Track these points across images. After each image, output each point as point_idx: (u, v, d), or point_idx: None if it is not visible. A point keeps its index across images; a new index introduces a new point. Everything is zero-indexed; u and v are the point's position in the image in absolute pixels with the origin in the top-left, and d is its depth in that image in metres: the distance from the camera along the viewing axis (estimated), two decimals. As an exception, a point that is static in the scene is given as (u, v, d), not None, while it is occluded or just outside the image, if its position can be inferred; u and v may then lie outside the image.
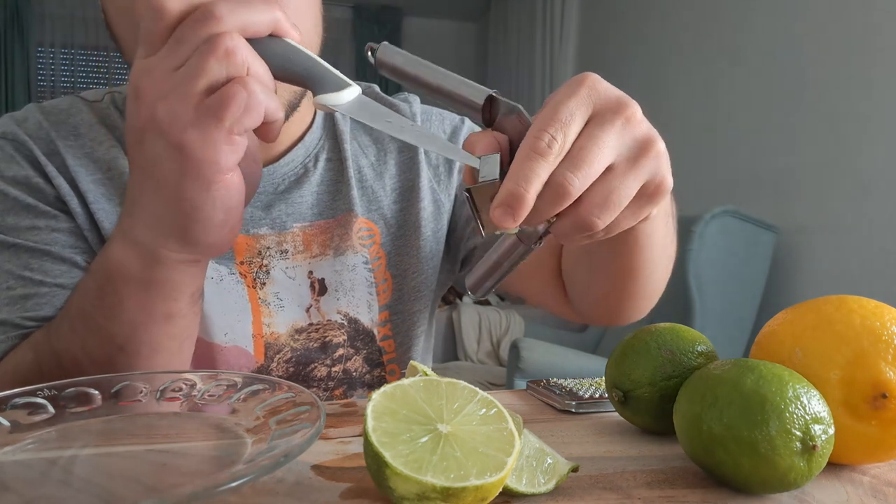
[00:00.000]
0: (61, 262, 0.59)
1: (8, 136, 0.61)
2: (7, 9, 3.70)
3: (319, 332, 0.67)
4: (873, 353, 0.34)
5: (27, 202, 0.59)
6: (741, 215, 2.00)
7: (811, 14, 2.03)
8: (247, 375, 0.42)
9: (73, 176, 0.60)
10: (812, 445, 0.30)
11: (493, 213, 0.34)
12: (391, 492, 0.28)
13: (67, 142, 0.61)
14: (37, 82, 3.89)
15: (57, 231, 0.60)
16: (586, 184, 0.35)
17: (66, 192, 0.60)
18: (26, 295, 0.57)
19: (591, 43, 3.41)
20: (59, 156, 0.60)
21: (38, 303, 0.57)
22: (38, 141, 0.61)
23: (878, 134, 1.79)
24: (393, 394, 0.31)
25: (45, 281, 0.58)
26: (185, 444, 0.35)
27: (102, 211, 0.60)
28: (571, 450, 0.39)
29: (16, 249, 0.58)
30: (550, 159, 0.34)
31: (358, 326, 0.69)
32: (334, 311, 0.68)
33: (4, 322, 0.56)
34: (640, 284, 0.57)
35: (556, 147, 0.34)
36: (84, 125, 0.63)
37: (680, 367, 0.40)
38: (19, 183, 0.59)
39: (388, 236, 0.71)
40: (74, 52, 3.94)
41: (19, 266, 0.58)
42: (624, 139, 0.36)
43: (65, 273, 0.59)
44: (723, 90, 2.42)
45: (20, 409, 0.38)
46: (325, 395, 0.68)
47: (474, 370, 2.71)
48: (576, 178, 0.34)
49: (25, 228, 0.59)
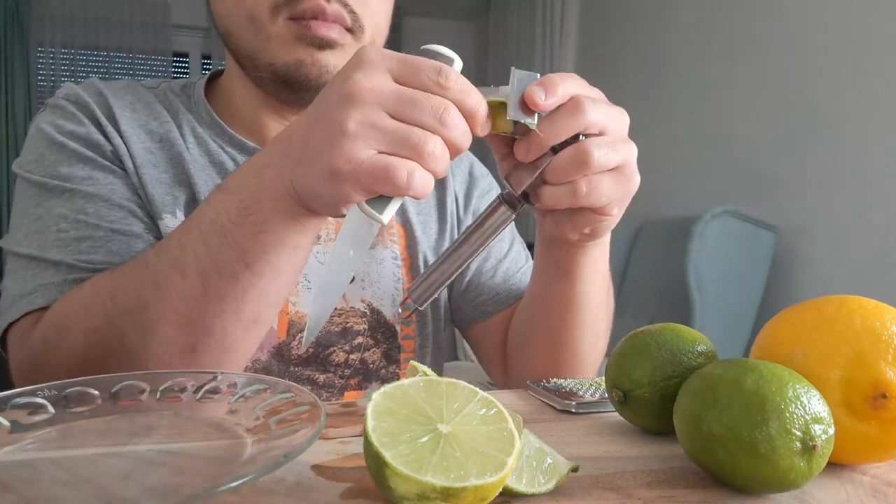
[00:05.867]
0: (118, 209, 0.61)
1: (71, 98, 0.65)
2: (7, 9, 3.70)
3: (342, 317, 0.69)
4: (873, 353, 0.34)
5: (85, 154, 0.61)
6: (741, 215, 2.00)
7: (811, 14, 2.03)
8: (247, 375, 0.42)
9: (126, 139, 0.63)
10: (812, 445, 0.30)
11: (530, 89, 0.42)
12: (391, 492, 0.28)
13: (124, 112, 0.65)
14: (37, 82, 3.88)
15: (113, 184, 0.62)
16: (599, 115, 0.44)
17: (123, 151, 0.63)
18: (80, 237, 0.58)
19: (591, 43, 3.41)
20: (116, 120, 0.64)
21: (93, 246, 0.57)
22: (99, 105, 0.65)
23: (878, 134, 1.79)
24: (393, 394, 0.31)
25: (101, 225, 0.59)
26: (185, 444, 0.35)
27: (147, 175, 0.63)
28: (571, 450, 0.39)
29: (70, 195, 0.59)
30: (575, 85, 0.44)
31: (380, 318, 0.71)
32: (358, 299, 0.70)
33: (59, 263, 0.56)
34: (578, 327, 0.62)
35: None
36: (140, 102, 0.67)
37: (680, 367, 0.40)
38: (79, 138, 0.62)
39: (410, 239, 0.74)
40: (74, 52, 3.94)
41: (73, 210, 0.59)
42: (616, 122, 0.46)
43: (121, 220, 0.60)
44: (722, 90, 2.42)
45: (20, 409, 0.38)
46: (340, 383, 0.69)
47: (474, 370, 2.71)
48: (591, 107, 0.43)
49: (81, 178, 0.60)
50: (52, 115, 0.64)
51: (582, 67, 3.46)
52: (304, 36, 0.60)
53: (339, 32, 0.61)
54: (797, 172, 2.06)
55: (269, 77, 0.64)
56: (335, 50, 0.61)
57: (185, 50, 4.14)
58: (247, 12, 0.61)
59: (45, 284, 0.55)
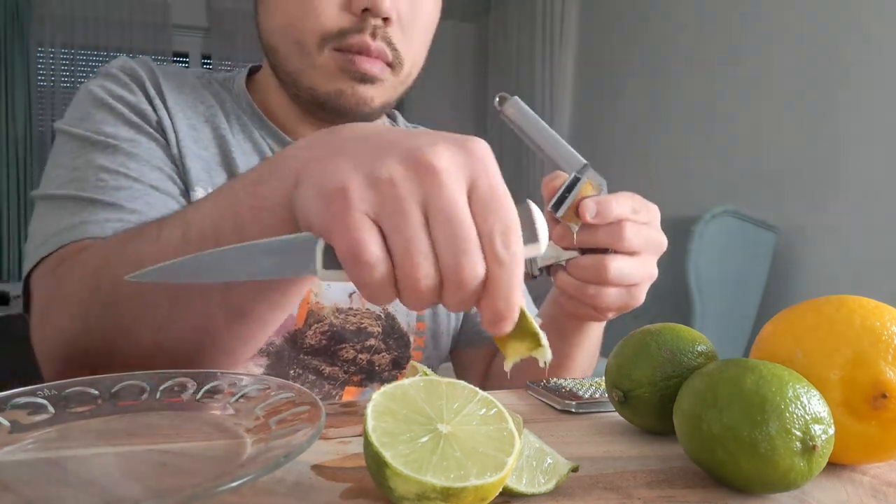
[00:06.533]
0: (158, 171, 0.62)
1: (125, 69, 0.68)
2: (7, 9, 3.69)
3: (357, 317, 0.70)
4: (873, 353, 0.34)
5: (132, 119, 0.64)
6: (741, 215, 2.00)
7: (811, 14, 2.03)
8: (247, 375, 0.42)
9: (172, 114, 0.66)
10: (812, 445, 0.30)
11: (584, 202, 0.48)
12: (391, 492, 0.28)
13: (172, 90, 0.68)
14: (37, 82, 3.88)
15: (155, 150, 0.63)
16: (636, 242, 0.52)
17: (167, 125, 0.65)
18: (119, 186, 0.58)
19: (591, 43, 3.41)
20: (164, 95, 0.67)
21: (132, 195, 0.58)
22: (150, 79, 0.67)
23: (878, 134, 1.79)
24: (393, 394, 0.31)
25: (141, 180, 0.60)
26: (185, 444, 0.35)
27: (187, 149, 0.65)
28: (571, 450, 0.39)
29: (114, 150, 0.60)
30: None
31: (394, 324, 0.72)
32: None
33: (95, 201, 0.57)
34: (561, 374, 0.67)
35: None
36: (188, 86, 0.70)
37: (680, 367, 0.40)
38: (128, 104, 0.64)
39: None
40: (74, 52, 3.93)
41: (115, 164, 0.60)
42: (651, 248, 0.54)
43: (160, 180, 0.61)
44: (723, 90, 2.42)
45: (20, 409, 0.38)
46: (343, 378, 0.70)
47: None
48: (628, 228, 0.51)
49: (125, 139, 0.62)
50: (104, 80, 0.66)
51: (582, 68, 3.46)
52: (347, 69, 0.62)
53: (380, 68, 0.63)
54: (797, 172, 2.06)
55: (307, 98, 0.66)
56: (375, 84, 0.64)
57: (185, 50, 4.14)
58: (295, 37, 0.63)
59: (86, 221, 0.55)
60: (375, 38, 0.62)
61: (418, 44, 0.67)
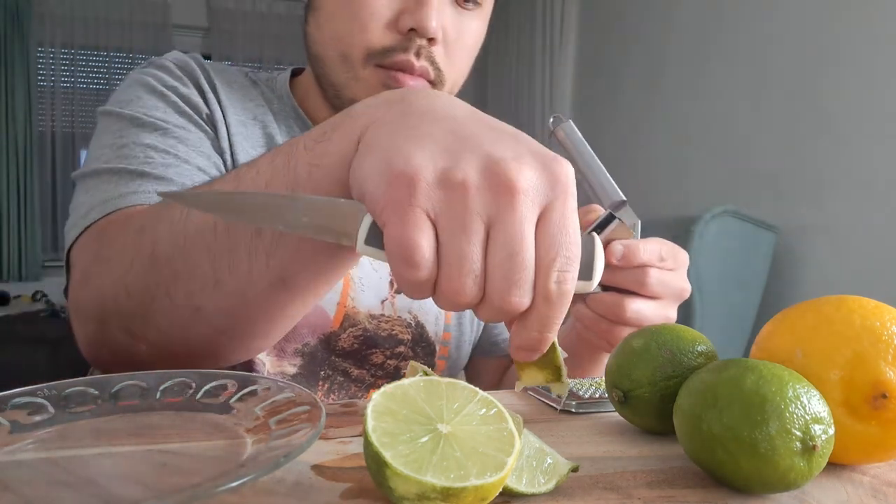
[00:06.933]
0: (206, 158, 0.63)
1: (178, 62, 0.68)
2: (7, 9, 3.70)
3: (389, 324, 0.71)
4: (873, 353, 0.34)
5: (183, 109, 0.64)
6: (741, 215, 2.00)
7: (811, 14, 2.03)
8: (247, 375, 0.42)
9: (224, 109, 0.67)
10: (812, 445, 0.30)
11: (612, 245, 0.49)
12: (391, 492, 0.28)
13: (223, 88, 0.69)
14: (37, 82, 3.88)
15: (204, 141, 0.64)
16: (657, 288, 0.53)
17: (219, 118, 0.66)
18: (167, 164, 0.58)
19: (591, 43, 3.41)
20: (217, 90, 0.67)
21: (180, 172, 0.58)
22: (202, 73, 0.68)
23: (878, 134, 1.79)
24: (393, 394, 0.31)
25: (190, 161, 0.60)
26: (185, 444, 0.35)
27: (239, 145, 0.66)
28: (571, 450, 0.39)
29: (163, 133, 0.61)
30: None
31: (423, 332, 0.73)
32: (406, 310, 0.72)
33: (144, 174, 0.56)
34: None
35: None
36: (237, 83, 0.71)
37: (680, 367, 0.40)
38: (180, 95, 0.65)
39: None
40: (74, 52, 3.94)
41: (164, 144, 0.60)
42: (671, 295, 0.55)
43: (208, 166, 0.62)
44: (722, 90, 2.42)
45: (20, 409, 0.38)
46: (370, 381, 0.71)
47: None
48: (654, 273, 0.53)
49: (175, 125, 0.62)
50: (155, 69, 0.67)
51: (582, 68, 3.46)
52: (389, 86, 0.63)
53: (422, 86, 0.64)
54: (797, 172, 2.06)
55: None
56: None
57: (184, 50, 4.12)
58: (342, 51, 0.64)
59: (134, 191, 0.55)
60: (420, 57, 0.62)
61: (461, 64, 0.68)
